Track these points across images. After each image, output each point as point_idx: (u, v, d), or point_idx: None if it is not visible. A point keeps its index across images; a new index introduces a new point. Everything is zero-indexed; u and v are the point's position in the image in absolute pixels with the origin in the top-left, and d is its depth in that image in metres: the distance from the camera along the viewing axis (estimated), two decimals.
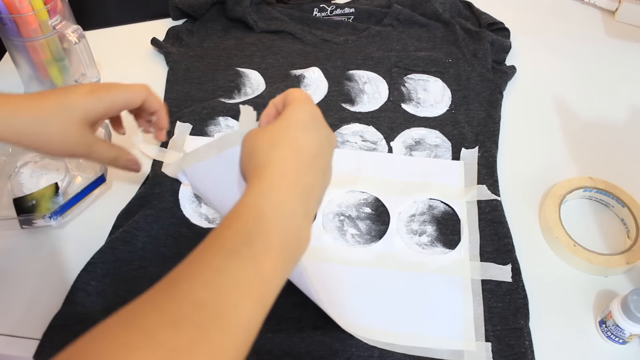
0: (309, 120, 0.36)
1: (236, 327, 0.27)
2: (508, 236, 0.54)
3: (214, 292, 0.27)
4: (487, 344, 0.47)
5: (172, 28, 0.77)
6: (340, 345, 0.46)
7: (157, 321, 0.26)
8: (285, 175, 0.33)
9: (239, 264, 0.28)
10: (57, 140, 0.44)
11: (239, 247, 0.29)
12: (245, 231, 0.30)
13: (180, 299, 0.27)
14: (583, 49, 0.78)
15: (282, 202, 0.31)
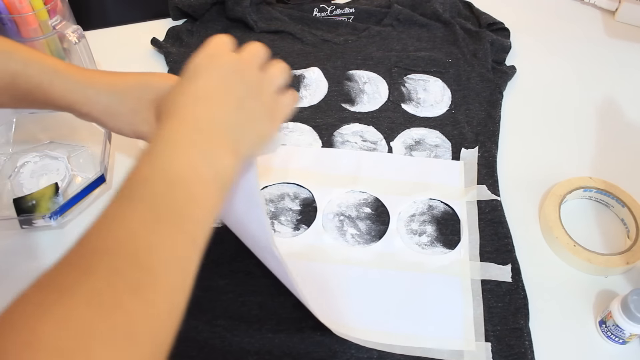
0: (202, 62, 0.38)
1: (165, 262, 0.27)
2: (508, 236, 0.54)
3: (119, 236, 0.27)
4: (487, 344, 0.47)
5: (172, 28, 0.77)
6: (339, 346, 0.46)
7: (68, 273, 0.25)
8: (183, 123, 0.33)
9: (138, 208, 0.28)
10: (129, 115, 0.45)
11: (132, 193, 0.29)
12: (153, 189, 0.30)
13: (87, 247, 0.27)
14: (583, 49, 0.78)
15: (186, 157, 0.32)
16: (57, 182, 0.57)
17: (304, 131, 0.64)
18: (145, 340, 0.25)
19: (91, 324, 0.24)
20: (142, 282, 0.26)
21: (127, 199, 0.29)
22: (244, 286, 0.50)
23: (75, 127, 0.64)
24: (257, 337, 0.47)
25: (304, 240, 0.54)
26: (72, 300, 0.24)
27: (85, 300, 0.24)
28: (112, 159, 0.61)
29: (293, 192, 0.58)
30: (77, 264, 0.26)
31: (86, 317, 0.24)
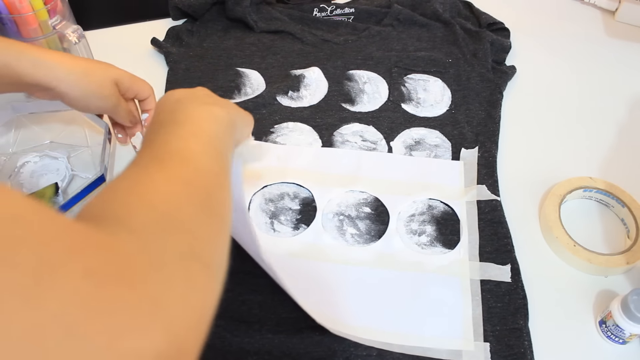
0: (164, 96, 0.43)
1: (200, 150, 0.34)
2: (507, 236, 0.54)
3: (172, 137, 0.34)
4: (486, 344, 0.47)
5: (172, 28, 0.77)
6: (338, 345, 0.46)
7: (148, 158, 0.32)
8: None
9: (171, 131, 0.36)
10: (94, 91, 0.50)
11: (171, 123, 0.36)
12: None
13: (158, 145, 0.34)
14: (583, 49, 0.78)
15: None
16: (57, 182, 0.57)
17: (304, 131, 0.64)
18: (196, 184, 0.31)
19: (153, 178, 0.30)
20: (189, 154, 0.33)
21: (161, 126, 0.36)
22: (244, 285, 0.50)
23: (75, 127, 0.64)
24: (256, 337, 0.47)
25: (304, 240, 0.54)
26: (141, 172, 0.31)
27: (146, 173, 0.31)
28: (113, 159, 0.61)
29: (293, 192, 0.58)
30: (142, 161, 0.32)
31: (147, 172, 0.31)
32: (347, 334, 0.46)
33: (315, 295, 0.50)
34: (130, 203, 0.27)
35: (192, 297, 0.24)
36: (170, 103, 0.40)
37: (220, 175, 0.34)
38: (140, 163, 0.32)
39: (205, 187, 0.32)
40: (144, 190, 0.28)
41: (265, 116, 0.66)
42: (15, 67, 0.46)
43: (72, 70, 0.49)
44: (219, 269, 0.28)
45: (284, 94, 0.68)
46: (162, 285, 0.23)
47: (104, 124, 0.60)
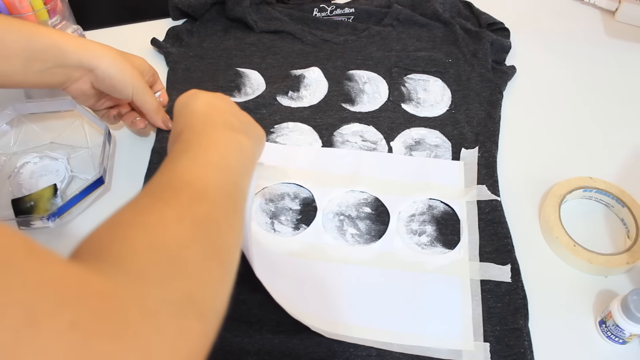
0: (184, 100, 0.45)
1: (216, 185, 0.34)
2: (508, 236, 0.54)
3: (188, 171, 0.34)
4: (486, 344, 0.47)
5: (172, 28, 0.77)
6: (338, 346, 0.46)
7: (162, 189, 0.32)
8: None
9: (191, 157, 0.36)
10: (130, 70, 0.52)
11: (186, 151, 0.37)
12: (187, 142, 0.38)
13: (171, 178, 0.34)
14: (583, 49, 0.78)
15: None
16: (57, 183, 0.56)
17: (304, 131, 0.64)
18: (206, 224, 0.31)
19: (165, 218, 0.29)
20: (203, 188, 0.33)
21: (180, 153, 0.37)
22: (244, 285, 0.50)
23: (76, 128, 0.64)
24: (256, 337, 0.47)
25: (304, 240, 0.54)
26: (149, 203, 0.31)
27: (170, 200, 0.31)
28: (112, 161, 0.61)
29: (293, 192, 0.58)
30: (156, 191, 0.32)
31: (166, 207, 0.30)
32: (344, 335, 0.47)
33: (315, 295, 0.50)
34: (136, 242, 0.27)
35: (182, 347, 0.24)
36: (197, 116, 0.41)
37: (233, 216, 0.33)
38: (155, 191, 0.32)
39: (215, 229, 0.31)
40: (152, 228, 0.28)
41: (266, 116, 0.66)
42: (63, 46, 0.48)
43: (109, 49, 0.51)
44: (215, 317, 0.28)
45: (284, 94, 0.68)
46: (152, 336, 0.22)
47: (104, 125, 0.60)
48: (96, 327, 0.20)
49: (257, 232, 0.54)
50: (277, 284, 0.50)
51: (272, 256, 0.52)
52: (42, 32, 0.48)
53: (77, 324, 0.19)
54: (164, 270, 0.26)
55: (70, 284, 0.20)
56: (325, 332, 0.47)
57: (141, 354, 0.21)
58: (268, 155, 0.61)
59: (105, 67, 0.50)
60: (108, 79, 0.51)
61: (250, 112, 0.65)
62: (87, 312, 0.20)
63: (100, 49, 0.51)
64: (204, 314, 0.26)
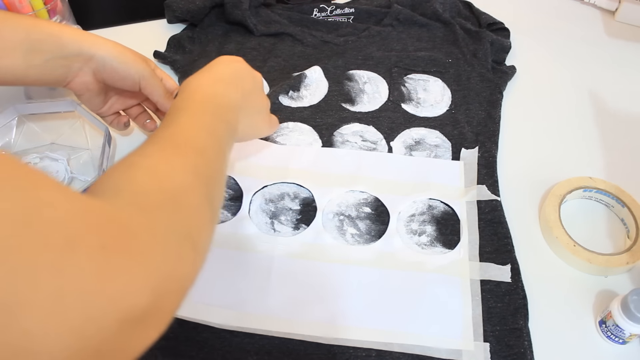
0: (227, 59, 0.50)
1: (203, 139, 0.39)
2: (507, 236, 0.54)
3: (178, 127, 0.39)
4: (485, 344, 0.47)
5: (172, 37, 0.76)
6: (338, 347, 0.46)
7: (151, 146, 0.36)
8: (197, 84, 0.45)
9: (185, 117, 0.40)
10: (132, 57, 0.54)
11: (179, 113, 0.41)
12: (178, 108, 0.42)
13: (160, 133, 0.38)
14: (583, 49, 0.78)
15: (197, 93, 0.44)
16: None
17: (304, 131, 0.64)
18: (204, 176, 0.36)
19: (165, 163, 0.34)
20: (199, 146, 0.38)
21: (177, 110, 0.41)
22: None
23: (76, 129, 0.64)
24: (256, 338, 0.47)
25: (304, 240, 0.54)
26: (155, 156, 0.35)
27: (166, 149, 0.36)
28: (112, 163, 0.61)
29: (293, 192, 0.58)
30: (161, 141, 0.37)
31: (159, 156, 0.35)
32: (343, 339, 0.47)
33: (315, 295, 0.50)
34: (147, 184, 0.32)
35: (179, 269, 0.29)
36: (209, 85, 0.45)
37: (222, 172, 0.40)
38: (159, 143, 0.36)
39: (210, 181, 0.36)
40: (161, 173, 0.33)
41: None
42: (61, 36, 0.49)
43: (109, 40, 0.53)
44: (204, 252, 0.33)
45: (285, 94, 0.68)
46: (158, 257, 0.28)
47: (104, 127, 0.60)
48: (119, 248, 0.25)
49: (257, 237, 0.54)
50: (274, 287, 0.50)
51: (269, 258, 0.52)
52: (41, 24, 0.49)
53: (105, 247, 0.24)
54: (169, 209, 0.31)
55: (95, 215, 0.25)
56: (323, 339, 0.47)
57: (149, 270, 0.27)
58: (268, 155, 0.61)
59: (105, 53, 0.51)
60: (110, 65, 0.51)
61: None
62: (111, 237, 0.25)
63: (100, 37, 0.52)
64: (197, 247, 0.32)
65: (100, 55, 0.51)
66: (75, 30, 0.51)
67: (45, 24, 0.50)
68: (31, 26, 0.48)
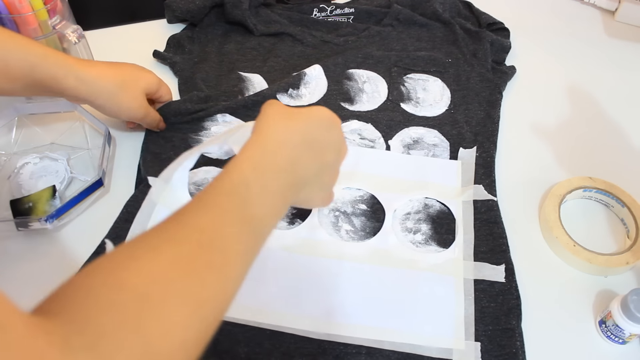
0: (330, 118, 0.41)
1: (231, 253, 0.31)
2: (503, 236, 0.54)
3: (214, 223, 0.31)
4: (477, 344, 0.46)
5: (172, 37, 0.76)
6: (328, 343, 0.46)
7: (162, 238, 0.29)
8: (279, 144, 0.37)
9: (236, 202, 0.33)
10: (130, 99, 0.56)
11: (238, 189, 0.34)
12: (243, 178, 0.34)
13: (183, 223, 0.31)
14: (583, 49, 0.78)
15: (275, 162, 0.36)
16: (56, 184, 0.57)
17: None
18: (208, 308, 0.29)
19: (172, 280, 0.27)
20: (216, 262, 0.30)
21: (229, 193, 0.34)
22: None
23: (76, 129, 0.64)
24: (247, 328, 0.47)
25: (298, 234, 0.54)
26: (159, 257, 0.28)
27: (171, 260, 0.28)
28: (112, 163, 0.61)
29: None
30: (169, 230, 0.30)
31: (168, 273, 0.28)
32: (335, 335, 0.46)
33: (307, 290, 0.50)
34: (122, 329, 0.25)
35: None
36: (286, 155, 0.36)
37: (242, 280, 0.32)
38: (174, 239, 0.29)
39: (216, 313, 0.30)
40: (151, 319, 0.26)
41: None
42: (62, 82, 0.51)
43: (109, 83, 0.54)
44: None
45: (284, 92, 0.68)
46: None
47: (104, 127, 0.60)
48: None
49: None
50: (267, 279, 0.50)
51: (263, 251, 0.52)
52: (47, 62, 0.50)
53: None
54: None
55: (27, 355, 0.21)
56: (314, 334, 0.47)
57: None
58: None
59: (100, 105, 0.55)
60: (103, 112, 0.56)
61: (249, 110, 0.66)
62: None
63: (98, 86, 0.53)
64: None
65: (96, 105, 0.55)
66: (77, 74, 0.51)
67: (52, 61, 0.50)
68: (37, 64, 0.50)
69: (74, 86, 0.52)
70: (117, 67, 0.56)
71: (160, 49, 0.74)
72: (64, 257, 0.53)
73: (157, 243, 0.29)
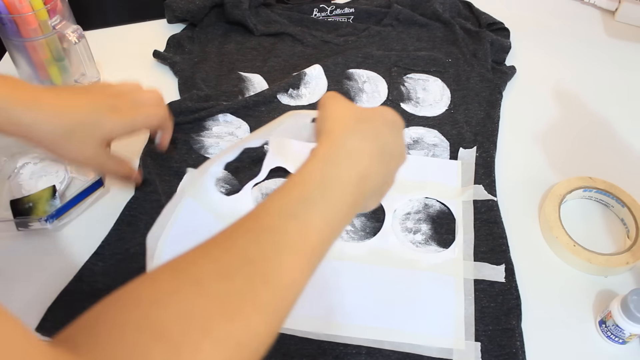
0: (397, 122, 0.38)
1: (284, 285, 0.28)
2: (503, 236, 0.54)
3: (266, 250, 0.28)
4: (477, 344, 0.46)
5: (172, 37, 0.76)
6: (328, 343, 0.46)
7: (207, 270, 0.26)
8: (352, 155, 0.33)
9: (294, 226, 0.29)
10: (76, 151, 0.46)
11: (297, 211, 0.30)
12: (307, 195, 0.30)
13: (233, 252, 0.27)
14: (583, 49, 0.78)
15: (344, 176, 0.32)
16: (56, 184, 0.56)
17: None
18: (248, 350, 0.25)
19: (212, 321, 0.24)
20: (266, 298, 0.27)
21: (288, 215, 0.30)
22: None
23: None
24: None
25: None
26: (201, 293, 0.25)
27: (214, 298, 0.25)
28: None
29: None
30: (217, 259, 0.27)
31: (210, 314, 0.24)
32: (334, 335, 0.46)
33: (307, 290, 0.50)
34: None
35: None
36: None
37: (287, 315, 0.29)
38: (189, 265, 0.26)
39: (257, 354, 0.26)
40: None
41: (264, 114, 0.66)
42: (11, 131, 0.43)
43: (53, 130, 0.44)
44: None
45: (284, 92, 0.68)
46: None
47: None
48: None
49: None
50: None
51: None
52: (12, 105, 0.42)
53: None
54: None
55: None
56: (314, 335, 0.47)
57: None
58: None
59: (44, 147, 0.46)
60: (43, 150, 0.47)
61: (249, 110, 0.66)
62: None
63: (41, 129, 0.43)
64: None
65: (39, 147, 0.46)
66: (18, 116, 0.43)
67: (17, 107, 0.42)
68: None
69: (9, 129, 0.43)
70: (72, 107, 0.45)
71: (160, 49, 0.74)
72: (64, 257, 0.53)
73: (202, 276, 0.26)
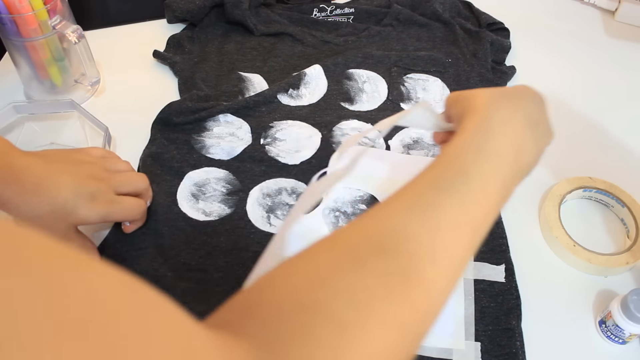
0: (539, 96, 0.37)
1: (448, 263, 0.26)
2: (503, 236, 0.54)
3: (428, 226, 0.26)
4: (477, 344, 0.46)
5: (172, 37, 0.76)
6: None
7: (364, 247, 0.25)
8: (504, 125, 0.32)
9: (455, 200, 0.28)
10: (44, 228, 0.43)
11: (456, 184, 0.28)
12: (463, 168, 0.29)
13: (390, 229, 0.26)
14: (583, 49, 0.78)
15: (500, 147, 0.31)
16: None
17: (303, 125, 0.64)
18: (412, 334, 0.25)
19: (375, 300, 0.23)
20: (427, 277, 0.25)
21: (446, 189, 0.29)
22: (238, 279, 0.50)
23: (76, 128, 0.64)
24: None
25: (299, 234, 0.54)
26: (363, 273, 0.24)
27: (376, 276, 0.24)
28: None
29: (290, 187, 0.58)
30: (374, 236, 0.26)
31: (372, 293, 0.23)
32: None
33: None
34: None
35: None
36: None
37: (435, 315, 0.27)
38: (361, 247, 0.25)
39: (419, 339, 0.25)
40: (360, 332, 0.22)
41: (264, 114, 0.66)
42: None
43: (30, 210, 0.42)
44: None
45: (285, 92, 0.68)
46: None
47: (103, 127, 0.60)
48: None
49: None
50: None
51: None
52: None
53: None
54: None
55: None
56: None
57: None
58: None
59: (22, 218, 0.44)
60: None
61: (249, 110, 0.66)
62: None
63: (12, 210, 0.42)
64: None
65: None
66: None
67: None
68: None
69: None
70: (54, 192, 0.43)
71: (160, 49, 0.74)
72: None
73: (361, 253, 0.24)
